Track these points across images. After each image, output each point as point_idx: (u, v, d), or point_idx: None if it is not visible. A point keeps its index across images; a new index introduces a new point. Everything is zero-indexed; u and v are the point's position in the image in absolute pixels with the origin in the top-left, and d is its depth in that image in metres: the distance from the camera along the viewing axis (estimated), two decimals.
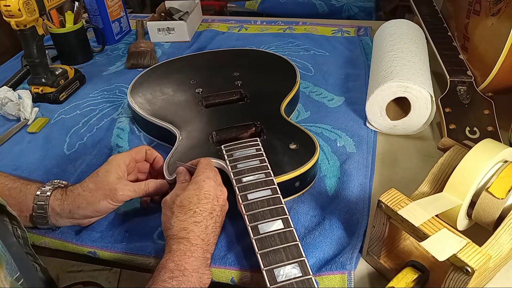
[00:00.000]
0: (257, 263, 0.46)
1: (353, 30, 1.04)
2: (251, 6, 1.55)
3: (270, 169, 0.50)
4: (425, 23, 0.85)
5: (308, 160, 0.53)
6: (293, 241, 0.41)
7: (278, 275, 0.38)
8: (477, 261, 0.34)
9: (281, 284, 0.37)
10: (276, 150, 0.55)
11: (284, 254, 0.40)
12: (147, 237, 0.51)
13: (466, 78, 0.68)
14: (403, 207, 0.39)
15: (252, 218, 0.44)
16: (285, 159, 0.53)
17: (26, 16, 0.68)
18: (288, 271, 0.38)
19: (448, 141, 0.49)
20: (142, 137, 0.69)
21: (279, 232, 0.42)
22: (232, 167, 0.51)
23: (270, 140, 0.57)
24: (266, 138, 0.57)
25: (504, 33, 0.59)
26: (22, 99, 0.74)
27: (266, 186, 0.48)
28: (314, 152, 0.54)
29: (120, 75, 0.88)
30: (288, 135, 0.58)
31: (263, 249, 0.40)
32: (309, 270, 0.38)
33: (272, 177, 0.49)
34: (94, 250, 0.50)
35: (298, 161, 0.53)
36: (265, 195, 0.47)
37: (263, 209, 0.45)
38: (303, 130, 0.58)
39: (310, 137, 0.57)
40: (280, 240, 0.41)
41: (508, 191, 0.40)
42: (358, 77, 0.81)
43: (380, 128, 0.66)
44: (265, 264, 0.39)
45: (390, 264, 0.45)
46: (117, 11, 1.03)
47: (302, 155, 0.54)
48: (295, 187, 0.54)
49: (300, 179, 0.53)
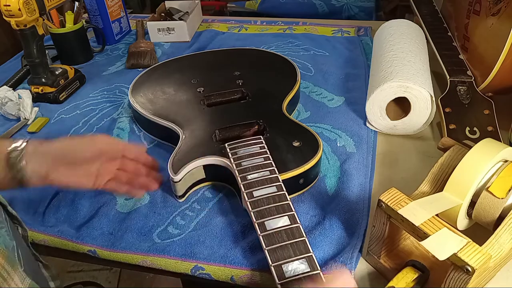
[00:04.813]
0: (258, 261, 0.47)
1: (353, 30, 1.04)
2: (251, 6, 1.56)
3: (275, 166, 0.51)
4: (425, 23, 0.85)
5: (311, 157, 0.53)
6: (300, 237, 0.42)
7: (286, 271, 0.38)
8: (477, 260, 0.34)
9: (289, 279, 0.38)
10: (280, 148, 0.55)
11: (292, 250, 0.40)
12: (147, 236, 0.51)
13: (466, 78, 0.68)
14: (403, 207, 0.39)
15: (258, 215, 0.44)
16: (289, 157, 0.54)
17: (26, 15, 0.69)
18: (296, 267, 0.39)
19: (448, 140, 0.49)
20: (142, 137, 0.69)
21: (285, 228, 0.43)
22: (237, 164, 0.51)
23: (273, 138, 0.57)
24: (269, 136, 0.58)
25: (504, 33, 0.59)
26: (22, 99, 0.74)
27: (271, 183, 0.48)
28: (318, 150, 0.54)
29: (120, 75, 0.88)
30: (291, 133, 0.58)
31: (270, 245, 0.41)
32: (317, 266, 0.39)
33: (277, 174, 0.49)
34: (94, 249, 0.50)
35: (302, 159, 0.53)
36: (271, 192, 0.47)
37: (269, 206, 0.45)
38: (305, 128, 0.59)
39: (313, 135, 0.57)
40: (287, 236, 0.42)
41: (508, 191, 0.40)
42: (358, 77, 0.81)
43: (380, 128, 0.66)
44: (273, 260, 0.39)
45: (390, 263, 0.45)
46: (117, 11, 1.03)
47: (306, 153, 0.54)
48: (299, 184, 0.54)
49: (304, 176, 0.53)
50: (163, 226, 0.52)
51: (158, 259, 0.48)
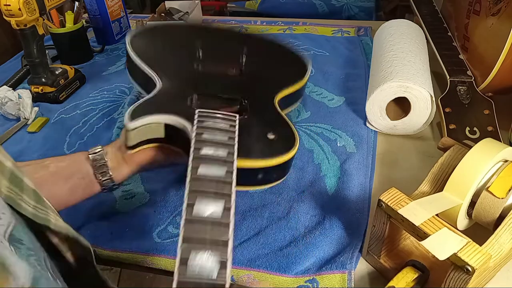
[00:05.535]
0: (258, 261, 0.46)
1: (353, 30, 1.04)
2: (251, 6, 1.56)
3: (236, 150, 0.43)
4: (425, 23, 0.85)
5: (280, 154, 0.46)
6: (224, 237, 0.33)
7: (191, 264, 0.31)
8: (477, 260, 0.34)
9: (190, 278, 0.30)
10: (251, 134, 0.48)
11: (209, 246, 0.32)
12: (146, 235, 0.51)
13: (466, 78, 0.68)
14: (404, 206, 0.39)
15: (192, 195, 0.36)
16: (256, 146, 0.47)
17: (26, 15, 0.69)
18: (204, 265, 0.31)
19: (448, 140, 0.49)
20: None
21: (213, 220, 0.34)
22: (197, 134, 0.44)
23: (250, 122, 0.50)
24: (246, 118, 0.50)
25: (504, 33, 0.59)
26: (22, 99, 0.74)
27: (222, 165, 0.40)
28: (290, 149, 0.47)
29: (120, 75, 0.88)
30: (271, 124, 0.51)
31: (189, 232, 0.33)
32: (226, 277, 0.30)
33: (234, 159, 0.41)
34: (94, 249, 0.50)
35: (269, 152, 0.46)
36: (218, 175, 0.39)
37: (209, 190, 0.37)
38: (289, 126, 0.51)
39: (293, 134, 0.50)
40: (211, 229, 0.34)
41: (508, 191, 0.40)
42: (358, 77, 0.81)
43: (380, 128, 0.66)
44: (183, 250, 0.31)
45: (390, 263, 0.45)
46: (117, 11, 1.03)
47: (277, 148, 0.47)
48: (256, 178, 0.47)
49: (264, 172, 0.47)
50: (163, 226, 0.52)
51: (158, 259, 0.48)
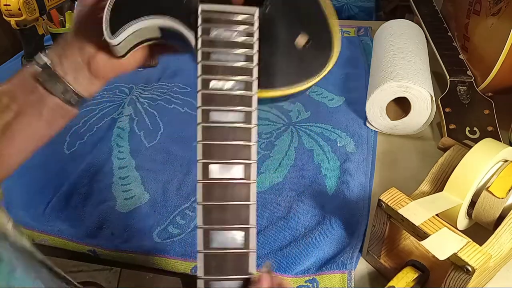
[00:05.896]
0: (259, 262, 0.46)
1: (353, 30, 1.04)
2: None
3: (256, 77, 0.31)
4: (425, 23, 0.85)
5: (317, 72, 0.36)
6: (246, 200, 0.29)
7: None
8: (477, 260, 0.34)
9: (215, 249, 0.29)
10: (276, 41, 0.34)
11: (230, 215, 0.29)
12: (146, 235, 0.51)
13: (466, 78, 0.68)
14: (404, 206, 0.39)
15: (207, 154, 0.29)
16: (284, 62, 0.34)
17: (26, 15, 0.69)
18: None
19: (448, 140, 0.49)
20: (143, 136, 0.69)
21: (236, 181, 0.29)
22: (204, 56, 0.30)
23: (273, 18, 0.33)
24: (269, 13, 0.33)
25: (504, 33, 0.59)
26: None
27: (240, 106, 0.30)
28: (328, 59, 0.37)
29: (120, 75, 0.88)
30: (304, 19, 0.36)
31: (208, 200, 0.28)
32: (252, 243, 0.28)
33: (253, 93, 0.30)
34: (94, 249, 0.50)
35: (302, 70, 0.35)
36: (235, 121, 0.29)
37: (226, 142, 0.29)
38: (328, 24, 0.37)
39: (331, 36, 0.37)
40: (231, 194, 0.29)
41: (508, 191, 0.40)
42: (358, 77, 0.81)
43: (380, 128, 0.66)
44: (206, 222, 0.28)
45: (390, 263, 0.45)
46: None
47: (311, 60, 0.35)
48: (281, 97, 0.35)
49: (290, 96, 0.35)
50: (163, 226, 0.52)
51: (158, 259, 0.48)
